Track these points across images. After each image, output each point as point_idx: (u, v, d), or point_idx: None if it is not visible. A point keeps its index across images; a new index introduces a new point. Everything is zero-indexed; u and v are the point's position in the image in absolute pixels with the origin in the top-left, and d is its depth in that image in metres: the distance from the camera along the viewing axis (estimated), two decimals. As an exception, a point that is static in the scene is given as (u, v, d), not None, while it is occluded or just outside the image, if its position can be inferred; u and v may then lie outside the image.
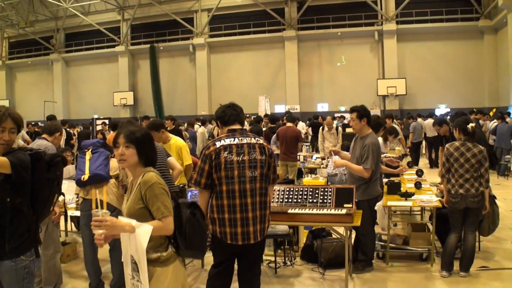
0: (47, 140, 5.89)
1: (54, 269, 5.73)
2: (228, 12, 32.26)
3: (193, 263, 6.79)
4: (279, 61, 31.31)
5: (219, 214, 4.28)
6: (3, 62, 40.17)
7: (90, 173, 5.52)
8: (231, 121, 4.48)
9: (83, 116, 33.89)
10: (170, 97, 33.64)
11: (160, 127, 6.91)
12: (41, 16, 37.32)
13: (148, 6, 33.53)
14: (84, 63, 37.29)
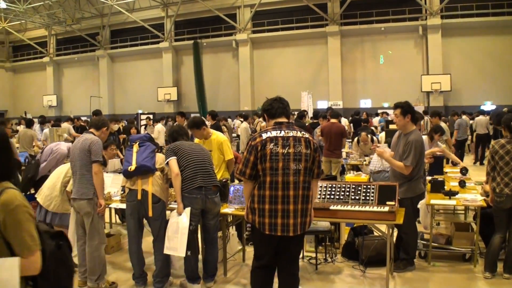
0: (94, 134, 6.03)
1: (99, 260, 5.87)
2: (271, 8, 32.16)
3: (234, 257, 6.83)
4: (321, 57, 31.08)
5: (259, 204, 4.35)
6: (51, 58, 41.24)
7: (137, 164, 5.72)
8: (278, 114, 4.54)
9: (127, 111, 34.42)
10: (213, 92, 33.79)
11: (201, 124, 6.97)
12: (87, 14, 38.06)
13: (191, 2, 33.75)
14: (129, 59, 37.88)
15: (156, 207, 5.73)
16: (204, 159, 5.86)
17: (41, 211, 6.56)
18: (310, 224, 4.54)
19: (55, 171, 6.90)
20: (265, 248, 4.52)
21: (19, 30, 42.69)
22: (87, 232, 5.90)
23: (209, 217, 5.82)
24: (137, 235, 5.93)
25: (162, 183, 5.86)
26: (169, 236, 5.62)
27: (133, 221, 5.85)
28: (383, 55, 29.82)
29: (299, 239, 4.56)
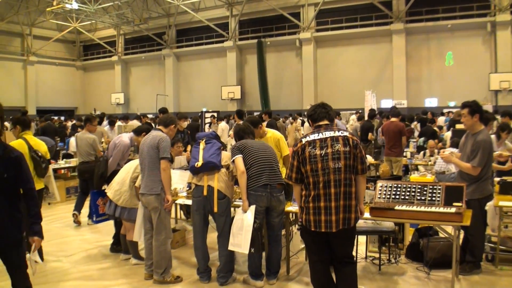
0: (162, 131, 6.18)
1: (165, 254, 6.04)
2: (334, 6, 32.02)
3: (297, 255, 6.87)
4: (386, 55, 30.67)
5: (305, 203, 4.57)
6: (119, 57, 42.52)
7: (204, 160, 5.86)
8: (320, 119, 4.74)
9: (192, 109, 34.97)
10: (276, 91, 33.90)
11: (258, 123, 7.02)
12: (154, 14, 39.06)
13: (255, 1, 34.06)
14: (194, 58, 38.58)
15: (222, 203, 5.84)
16: (270, 157, 5.93)
17: (111, 205, 6.81)
18: (356, 220, 4.61)
19: (124, 166, 7.12)
20: (313, 244, 4.73)
21: (90, 30, 44.31)
22: (154, 226, 6.08)
23: (273, 215, 5.87)
24: (202, 231, 6.05)
25: (228, 180, 5.96)
26: (233, 232, 5.72)
27: (198, 216, 5.99)
28: (448, 54, 29.12)
29: (346, 234, 4.64)
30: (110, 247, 7.61)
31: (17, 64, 41.82)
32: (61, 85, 44.79)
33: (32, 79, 42.33)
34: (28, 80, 42.11)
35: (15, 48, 42.30)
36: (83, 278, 6.48)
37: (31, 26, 42.13)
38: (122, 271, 6.70)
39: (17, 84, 41.41)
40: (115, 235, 7.61)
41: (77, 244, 8.18)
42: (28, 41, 42.24)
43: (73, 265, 7.02)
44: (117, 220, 7.26)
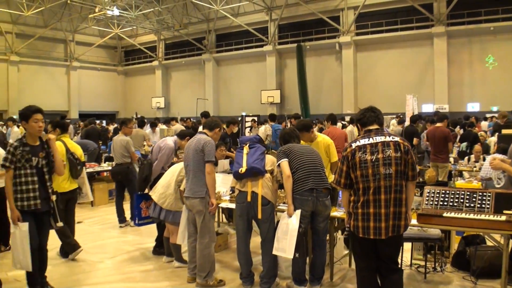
0: (207, 135, 6.19)
1: (208, 257, 6.03)
2: (374, 9, 31.66)
3: (341, 262, 6.77)
4: (427, 59, 30.09)
5: (354, 209, 4.49)
6: (160, 62, 43.06)
7: (248, 166, 5.82)
8: (369, 123, 4.64)
9: (232, 113, 35.07)
10: (316, 95, 33.66)
11: (310, 127, 6.98)
12: (194, 19, 39.41)
13: (295, 5, 34.02)
14: (234, 63, 38.79)
15: (266, 209, 5.79)
16: (316, 161, 5.86)
17: (155, 208, 6.84)
18: (406, 228, 4.53)
19: (169, 170, 7.15)
20: (361, 251, 4.64)
21: (131, 35, 44.99)
22: (198, 230, 6.08)
23: (319, 219, 5.79)
24: (246, 236, 6.01)
25: (272, 185, 5.91)
26: (278, 237, 5.67)
27: (242, 222, 5.95)
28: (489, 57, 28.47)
29: (394, 242, 4.57)
30: (153, 250, 7.67)
31: (60, 69, 42.80)
32: (103, 89, 45.63)
33: (75, 84, 43.23)
34: (71, 85, 43.05)
35: (58, 54, 43.33)
36: (126, 280, 6.55)
37: (74, 32, 43.10)
38: (164, 273, 6.73)
39: (60, 89, 42.38)
40: (158, 238, 7.67)
41: (119, 246, 8.27)
42: (71, 47, 43.17)
43: (116, 267, 7.11)
44: (161, 223, 7.29)
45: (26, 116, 5.39)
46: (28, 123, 5.40)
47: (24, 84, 39.19)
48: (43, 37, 40.67)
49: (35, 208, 5.34)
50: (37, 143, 5.51)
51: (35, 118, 5.39)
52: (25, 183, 5.31)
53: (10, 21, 38.85)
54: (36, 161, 5.39)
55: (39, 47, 41.19)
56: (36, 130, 5.42)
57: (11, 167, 5.28)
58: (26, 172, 5.32)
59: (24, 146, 5.36)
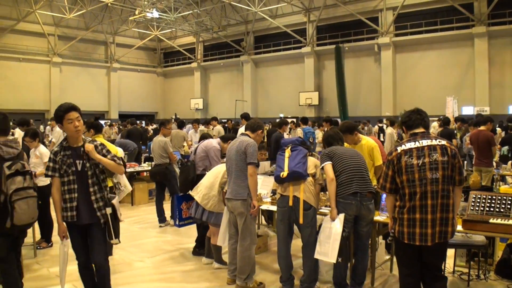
0: (250, 136, 6.19)
1: (249, 260, 6.01)
2: (414, 10, 31.18)
3: (382, 267, 6.69)
4: (467, 60, 29.48)
5: (399, 214, 4.38)
6: (198, 64, 43.42)
7: (289, 170, 5.73)
8: (415, 125, 4.52)
9: (270, 114, 35.16)
10: (354, 97, 33.39)
11: (354, 129, 6.90)
12: (233, 21, 39.66)
13: (333, 7, 33.85)
14: (272, 64, 38.79)
15: (307, 214, 5.71)
16: (360, 164, 5.75)
17: (198, 209, 6.84)
18: (453, 234, 4.40)
19: (211, 170, 7.16)
20: (405, 257, 4.52)
21: (170, 37, 45.53)
22: (239, 232, 6.08)
23: (362, 224, 5.68)
24: (287, 241, 5.95)
25: (314, 189, 5.81)
26: (321, 241, 5.59)
27: (283, 226, 5.89)
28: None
29: (440, 249, 4.45)
30: (193, 250, 7.70)
31: (101, 71, 43.60)
32: (142, 90, 46.26)
33: (115, 85, 43.99)
34: (111, 86, 43.83)
35: (99, 55, 44.12)
36: (165, 280, 6.59)
37: (114, 34, 43.90)
38: (204, 274, 6.74)
39: (101, 90, 43.19)
40: (198, 238, 7.71)
41: (159, 246, 8.34)
42: (111, 49, 43.92)
43: (156, 267, 7.17)
44: (202, 224, 7.32)
45: (59, 117, 4.75)
46: (63, 125, 4.76)
47: (66, 85, 40.04)
48: (84, 39, 41.52)
49: (72, 220, 4.74)
50: (79, 143, 4.83)
51: (69, 118, 4.72)
52: (66, 192, 4.72)
53: (53, 23, 39.79)
54: (80, 164, 4.77)
55: (81, 49, 42.08)
56: (72, 131, 4.75)
57: (55, 175, 4.75)
58: (69, 179, 4.72)
59: (65, 150, 4.77)
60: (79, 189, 4.77)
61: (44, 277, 6.49)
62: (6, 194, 4.77)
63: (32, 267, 6.99)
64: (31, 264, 7.10)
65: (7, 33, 37.25)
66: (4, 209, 4.76)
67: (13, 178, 4.85)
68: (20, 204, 4.81)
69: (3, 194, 4.77)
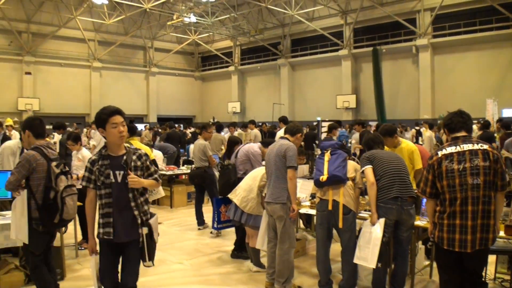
0: (289, 140, 6.20)
1: (287, 263, 6.00)
2: (452, 10, 30.53)
3: (421, 272, 6.59)
4: (508, 61, 28.64)
5: (439, 219, 4.31)
6: (236, 67, 43.68)
7: (329, 174, 5.72)
8: (457, 129, 4.41)
9: (307, 118, 35.05)
10: (392, 100, 32.98)
11: (394, 132, 6.84)
12: (269, 24, 39.71)
13: (370, 8, 33.58)
14: (309, 67, 38.66)
15: (347, 218, 5.70)
16: (401, 168, 5.70)
17: (236, 211, 6.89)
18: (494, 241, 4.29)
19: (250, 173, 7.20)
20: (445, 263, 4.45)
21: (207, 41, 45.84)
22: (278, 235, 6.07)
23: (402, 229, 5.63)
24: (326, 245, 5.96)
25: (354, 193, 5.79)
26: (360, 245, 5.56)
27: (322, 230, 5.91)
28: None
29: (480, 255, 4.34)
30: (231, 253, 7.75)
31: (140, 75, 44.24)
32: (180, 94, 46.72)
33: (154, 89, 44.58)
34: (150, 89, 44.41)
35: (138, 60, 44.80)
36: (204, 282, 6.65)
37: (152, 39, 44.46)
38: (242, 277, 6.79)
39: (139, 94, 43.82)
40: (237, 241, 7.76)
41: (198, 248, 8.43)
42: (150, 54, 44.50)
43: (195, 269, 7.24)
44: (242, 227, 7.35)
45: (102, 121, 4.29)
46: (106, 130, 4.30)
47: (106, 89, 40.84)
48: (123, 44, 42.21)
49: (107, 237, 4.26)
50: (121, 152, 4.37)
51: (113, 122, 4.27)
52: (103, 206, 4.29)
53: (93, 29, 40.60)
54: (121, 175, 4.28)
55: (120, 54, 42.82)
56: (117, 137, 4.30)
57: (90, 187, 4.34)
58: (106, 192, 4.26)
59: (103, 159, 4.31)
60: (118, 203, 4.28)
61: (85, 277, 6.65)
62: (56, 191, 5.05)
63: (74, 267, 7.18)
64: (72, 264, 7.29)
65: (49, 39, 38.16)
66: (53, 205, 5.03)
67: (61, 177, 5.12)
68: (68, 200, 5.09)
69: (53, 191, 5.04)
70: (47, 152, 5.16)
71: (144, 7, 34.17)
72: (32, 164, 5.02)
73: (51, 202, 5.02)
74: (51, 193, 5.02)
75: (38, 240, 5.13)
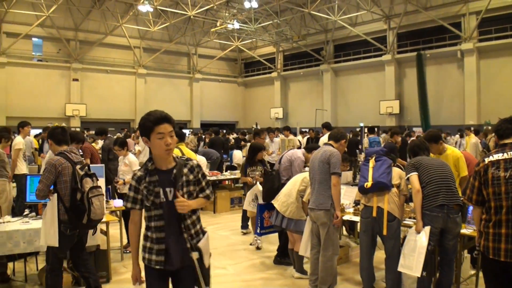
0: (333, 146, 6.19)
1: (331, 270, 6.00)
2: (498, 14, 29.79)
3: (467, 282, 6.49)
4: (558, 64, 28.22)
5: (485, 228, 4.17)
6: (278, 73, 43.80)
7: (373, 180, 5.70)
8: (505, 135, 4.29)
9: (350, 123, 34.86)
10: (436, 105, 32.32)
11: (439, 138, 6.75)
12: (312, 30, 39.73)
13: (414, 13, 33.18)
14: (352, 73, 38.48)
15: (391, 225, 5.66)
16: (447, 175, 5.59)
17: (277, 216, 6.93)
18: None
19: (292, 178, 7.23)
20: (490, 273, 4.30)
21: (250, 48, 46.09)
22: (321, 242, 6.06)
23: (448, 237, 5.52)
24: (369, 252, 5.94)
25: (398, 200, 5.74)
26: (405, 253, 5.49)
27: (366, 237, 5.89)
28: None
29: None
30: (274, 259, 7.77)
31: (183, 81, 44.86)
32: (223, 100, 47.10)
33: (197, 95, 45.09)
34: (194, 95, 44.97)
35: (182, 66, 45.41)
36: (247, 287, 6.71)
37: (196, 46, 45.02)
38: (285, 283, 6.79)
39: (183, 100, 44.42)
40: (279, 247, 7.78)
41: (241, 253, 8.49)
42: (194, 60, 45.08)
43: (238, 274, 7.30)
44: (284, 233, 7.37)
45: (147, 129, 3.59)
46: (150, 140, 3.59)
47: (150, 95, 41.59)
48: (168, 51, 42.89)
49: (159, 266, 3.66)
50: (170, 164, 3.70)
51: (159, 132, 3.54)
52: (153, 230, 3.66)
53: (138, 36, 41.41)
54: (172, 193, 3.62)
55: (164, 61, 43.51)
56: (162, 150, 3.57)
57: (136, 208, 3.70)
58: (156, 213, 3.64)
59: (150, 175, 3.62)
60: (169, 225, 3.65)
61: (130, 280, 6.81)
62: (82, 192, 5.24)
63: (119, 270, 7.33)
64: (118, 267, 7.45)
65: (96, 47, 39.14)
66: (80, 206, 5.23)
67: (85, 179, 5.31)
68: (94, 200, 5.25)
69: (79, 192, 5.23)
70: (71, 156, 5.40)
71: (188, 14, 34.68)
72: (58, 168, 5.24)
73: (78, 203, 5.22)
74: (78, 195, 5.22)
75: (63, 243, 5.31)
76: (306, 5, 33.40)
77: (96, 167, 7.19)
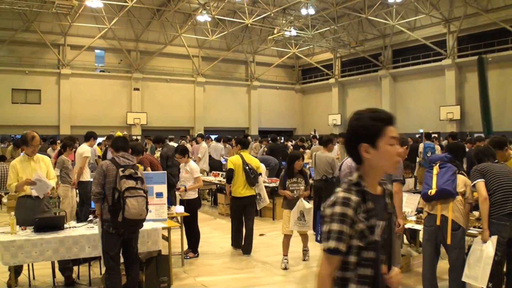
0: None
1: None
2: None
3: None
4: None
5: None
6: (336, 79, 43.64)
7: (437, 188, 5.54)
8: None
9: (409, 130, 34.24)
10: (499, 111, 31.34)
11: (505, 144, 6.56)
12: (370, 35, 39.40)
13: (474, 16, 32.40)
14: (411, 78, 37.85)
15: (456, 234, 5.48)
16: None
17: None
18: None
19: None
20: None
21: (307, 54, 46.14)
22: None
23: None
24: (433, 262, 5.78)
25: (463, 209, 5.56)
26: (470, 263, 5.37)
27: (429, 247, 5.74)
28: None
29: None
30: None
31: (242, 89, 45.32)
32: (281, 107, 47.21)
33: (255, 102, 45.44)
34: (251, 103, 45.34)
35: (240, 74, 45.86)
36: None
37: (254, 54, 45.46)
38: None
39: (241, 107, 44.87)
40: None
41: (299, 261, 8.50)
42: (251, 68, 45.48)
43: (297, 282, 7.42)
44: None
45: (372, 132, 2.54)
46: (376, 147, 2.52)
47: (209, 103, 42.29)
48: (226, 59, 43.45)
49: None
50: (379, 189, 2.64)
51: (392, 136, 2.56)
52: (357, 281, 2.45)
53: (197, 45, 42.13)
54: (381, 228, 2.52)
55: (223, 69, 44.15)
56: (393, 162, 2.55)
57: (343, 251, 2.40)
58: (370, 256, 2.45)
59: (364, 201, 2.46)
60: (378, 275, 2.52)
61: (191, 285, 7.02)
62: (119, 191, 5.61)
63: (180, 276, 7.51)
64: (179, 273, 7.62)
65: (156, 56, 40.08)
66: (117, 204, 5.58)
67: (126, 180, 5.66)
68: (131, 200, 5.57)
69: (117, 191, 5.61)
70: (119, 161, 5.84)
71: (246, 22, 35.06)
72: (103, 169, 5.79)
73: (115, 201, 5.61)
74: (116, 194, 5.62)
75: (109, 241, 5.75)
76: (364, 10, 33.10)
77: (157, 173, 7.82)
